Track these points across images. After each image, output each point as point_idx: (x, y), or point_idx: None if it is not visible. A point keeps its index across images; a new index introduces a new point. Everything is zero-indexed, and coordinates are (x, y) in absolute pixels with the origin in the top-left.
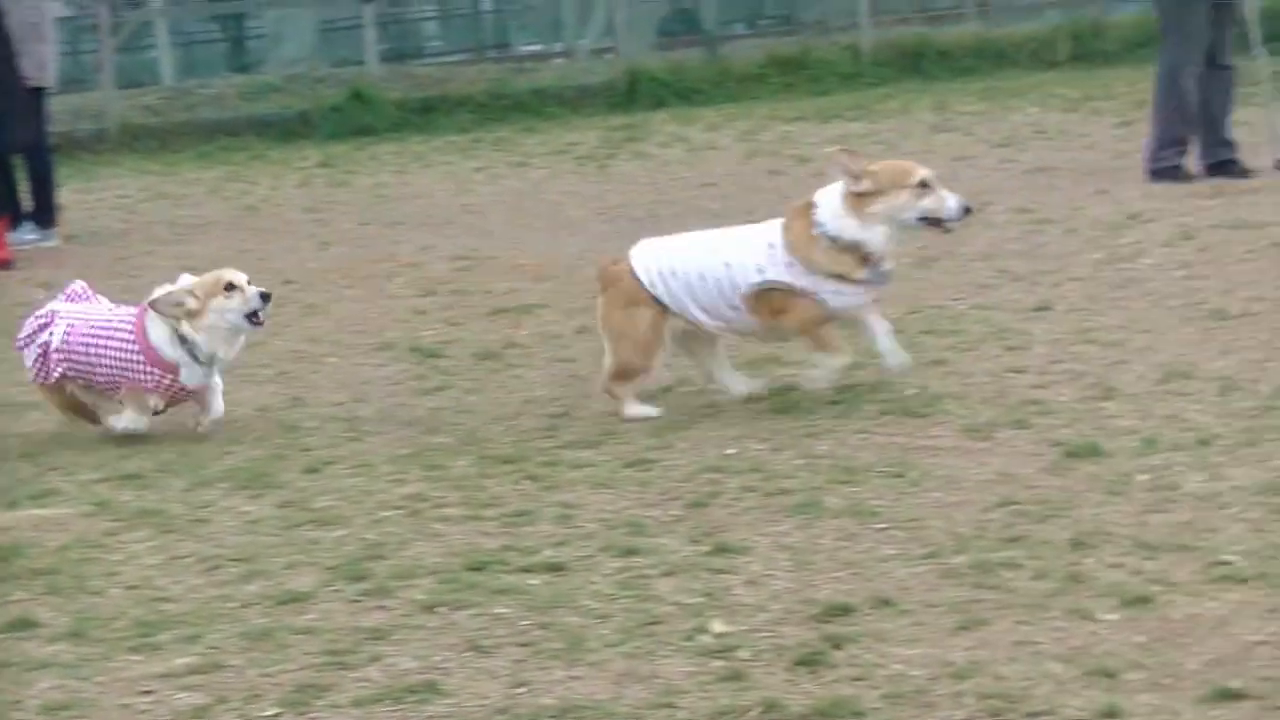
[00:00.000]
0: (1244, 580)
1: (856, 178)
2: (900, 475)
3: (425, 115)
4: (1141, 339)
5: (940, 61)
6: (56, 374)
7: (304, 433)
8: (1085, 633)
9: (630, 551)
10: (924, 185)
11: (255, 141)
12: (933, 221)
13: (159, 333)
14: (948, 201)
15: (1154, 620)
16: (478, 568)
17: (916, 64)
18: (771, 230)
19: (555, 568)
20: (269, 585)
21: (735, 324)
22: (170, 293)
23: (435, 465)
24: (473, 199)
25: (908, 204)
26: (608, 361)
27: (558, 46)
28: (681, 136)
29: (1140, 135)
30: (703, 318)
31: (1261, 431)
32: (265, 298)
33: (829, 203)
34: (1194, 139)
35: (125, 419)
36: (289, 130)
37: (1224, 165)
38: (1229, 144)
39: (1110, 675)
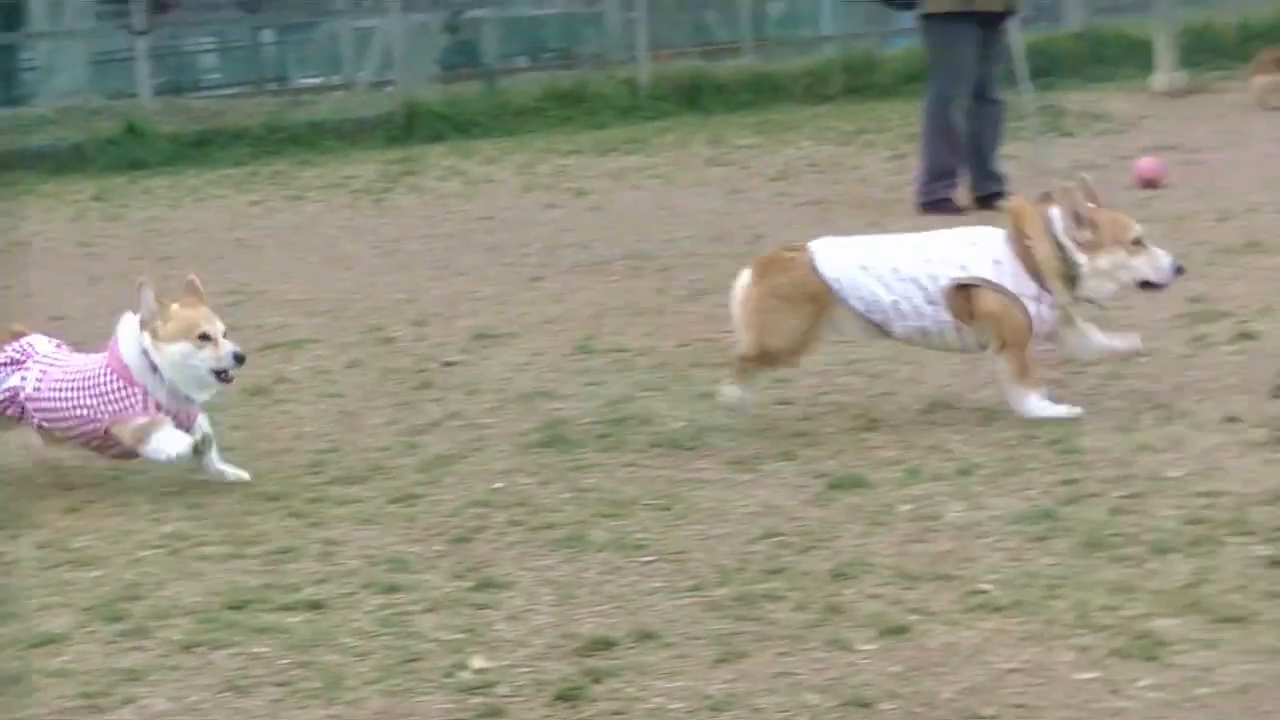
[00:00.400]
0: (999, 608)
1: (1080, 223)
2: (667, 508)
3: (201, 148)
4: (907, 370)
5: (717, 95)
6: (33, 423)
7: (66, 471)
8: (843, 663)
9: (392, 588)
10: (1138, 243)
11: (27, 175)
12: (1145, 283)
13: (131, 350)
14: (1161, 261)
15: (911, 649)
16: (237, 606)
17: (693, 98)
18: (976, 231)
19: (316, 605)
20: (22, 628)
21: (928, 323)
22: (152, 300)
23: (198, 503)
24: (247, 233)
25: (1124, 262)
26: (743, 346)
27: (336, 79)
28: (459, 170)
29: (912, 168)
30: (891, 316)
31: (1021, 460)
32: (239, 359)
33: (1060, 223)
34: (963, 171)
35: (153, 445)
36: (61, 163)
37: (992, 198)
38: (997, 177)
39: (866, 705)
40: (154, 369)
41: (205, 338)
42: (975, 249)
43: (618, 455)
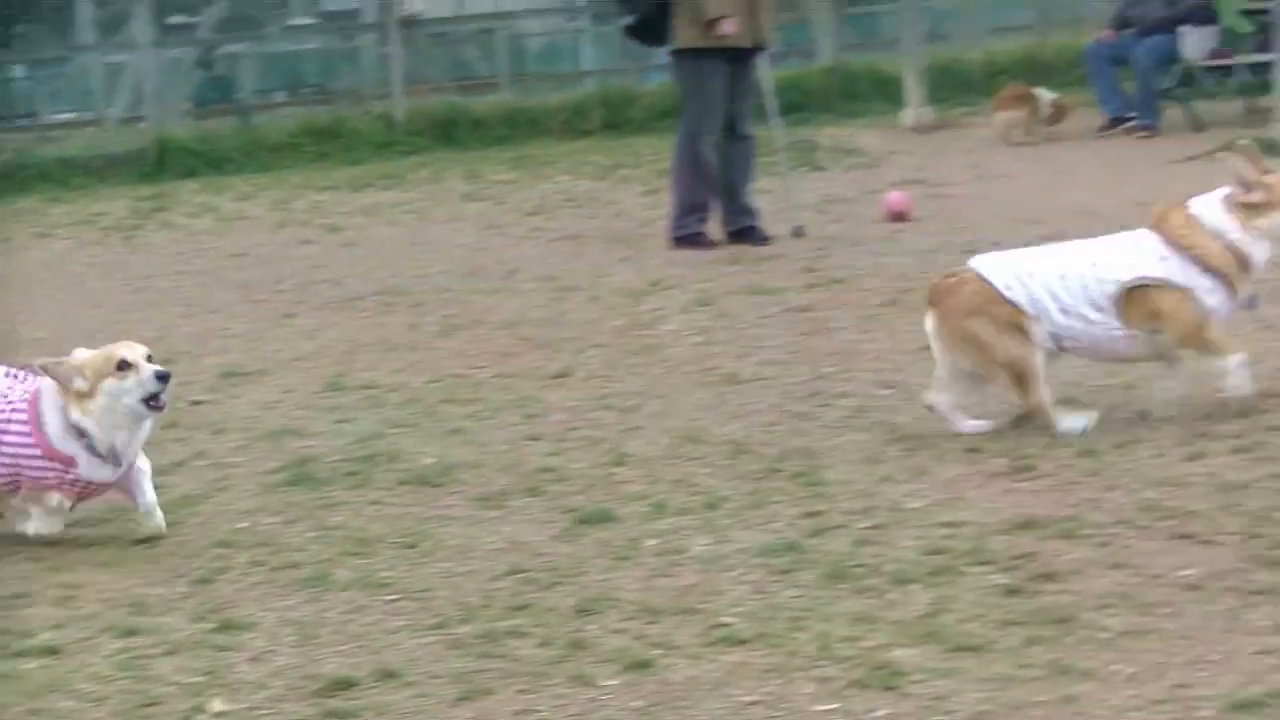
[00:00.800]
0: (743, 641)
1: (1249, 187)
2: (412, 546)
3: None
4: (656, 404)
5: (473, 130)
6: None
7: None
8: (585, 699)
9: (131, 632)
10: None
11: None
12: None
13: (54, 421)
14: None
15: (653, 684)
16: None
17: (449, 133)
18: (1137, 234)
19: (52, 651)
20: None
21: (1096, 331)
22: (61, 364)
23: None
24: None
25: None
26: (1003, 387)
27: (88, 115)
28: (211, 206)
29: (666, 203)
30: (1061, 321)
31: (767, 494)
32: (163, 378)
33: (1209, 206)
34: (715, 206)
35: (34, 523)
36: None
37: (744, 232)
38: (749, 211)
39: None
40: (81, 433)
41: (125, 365)
42: (1144, 248)
43: (365, 493)
